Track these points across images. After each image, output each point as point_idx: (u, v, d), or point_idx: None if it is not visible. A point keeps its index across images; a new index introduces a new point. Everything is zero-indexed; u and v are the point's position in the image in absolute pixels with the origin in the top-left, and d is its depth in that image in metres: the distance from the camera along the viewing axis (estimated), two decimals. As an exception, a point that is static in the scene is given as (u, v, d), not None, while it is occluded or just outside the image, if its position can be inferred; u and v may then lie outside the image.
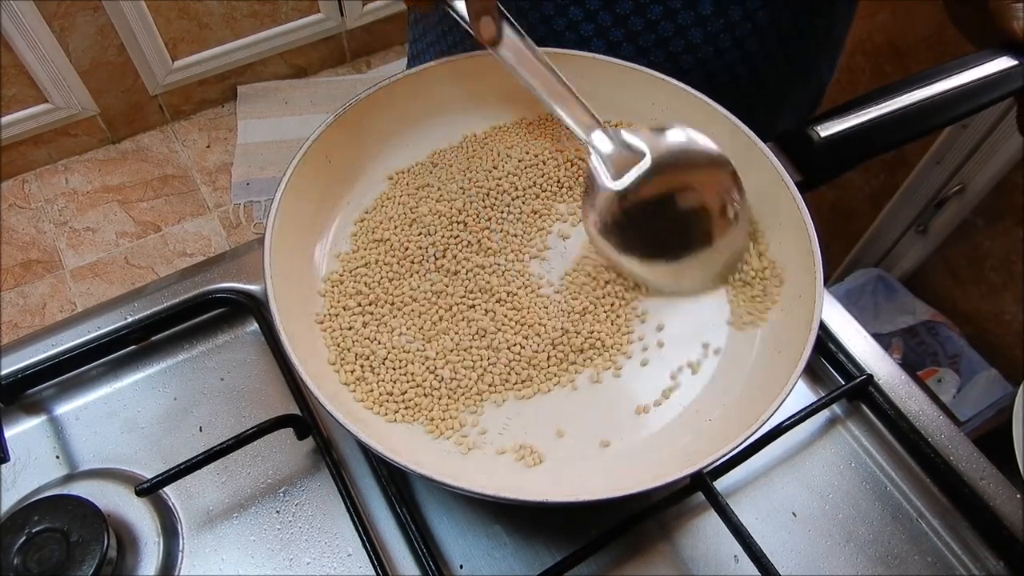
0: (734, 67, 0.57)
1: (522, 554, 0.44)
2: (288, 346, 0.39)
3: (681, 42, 0.54)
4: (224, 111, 1.89)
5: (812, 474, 0.47)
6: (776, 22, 0.55)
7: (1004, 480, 0.46)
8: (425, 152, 0.53)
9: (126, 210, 1.72)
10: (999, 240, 1.14)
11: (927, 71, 0.48)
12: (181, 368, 0.51)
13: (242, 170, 1.76)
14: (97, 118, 1.75)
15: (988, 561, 0.45)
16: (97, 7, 1.56)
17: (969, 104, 0.48)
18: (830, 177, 0.48)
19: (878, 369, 0.50)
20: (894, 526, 0.46)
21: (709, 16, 0.53)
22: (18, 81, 1.59)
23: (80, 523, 0.40)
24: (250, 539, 0.44)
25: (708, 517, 0.45)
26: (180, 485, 0.44)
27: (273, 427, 0.44)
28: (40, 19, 1.51)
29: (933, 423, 0.48)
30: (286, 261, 0.44)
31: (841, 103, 0.48)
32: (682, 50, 0.55)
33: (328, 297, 0.47)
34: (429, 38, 0.65)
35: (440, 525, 0.44)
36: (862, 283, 1.29)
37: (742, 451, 0.45)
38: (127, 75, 1.72)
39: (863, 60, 1.23)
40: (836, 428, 0.50)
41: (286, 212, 0.45)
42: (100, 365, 0.50)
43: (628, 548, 0.44)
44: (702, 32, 0.54)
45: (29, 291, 1.60)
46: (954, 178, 1.14)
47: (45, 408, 0.49)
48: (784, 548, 0.45)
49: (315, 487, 0.46)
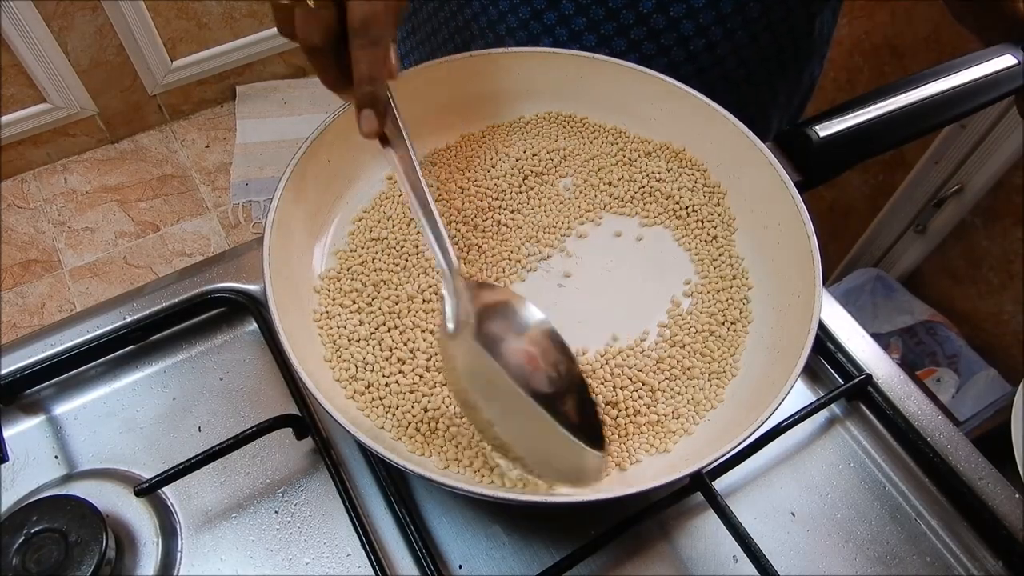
0: (725, 61, 0.57)
1: (521, 554, 0.44)
2: (287, 346, 0.39)
3: (673, 35, 0.54)
4: (223, 111, 1.88)
5: (811, 474, 0.47)
6: (767, 14, 0.55)
7: (1002, 480, 0.47)
8: (424, 152, 0.53)
9: (125, 210, 1.71)
10: (997, 240, 1.14)
11: (925, 71, 0.48)
12: (180, 368, 0.51)
13: (241, 170, 1.76)
14: (96, 118, 1.75)
15: (986, 561, 0.45)
16: (96, 7, 1.56)
17: (968, 103, 0.48)
18: (829, 177, 0.48)
19: (877, 369, 0.50)
20: (893, 526, 0.46)
21: (701, 8, 0.53)
22: (17, 81, 1.59)
23: (79, 523, 0.40)
24: (249, 539, 0.44)
25: (707, 517, 0.45)
26: (179, 485, 0.44)
27: (272, 427, 0.44)
28: (39, 19, 1.51)
29: (932, 423, 0.48)
30: (285, 261, 0.44)
31: (840, 103, 0.48)
32: (674, 43, 0.55)
33: (323, 294, 0.47)
34: (416, 38, 0.65)
35: (439, 525, 0.44)
36: (861, 283, 1.29)
37: (741, 451, 0.45)
38: (126, 75, 1.72)
39: (861, 60, 1.23)
40: (835, 428, 0.50)
41: (285, 212, 0.45)
42: (99, 365, 0.50)
43: (627, 548, 0.44)
44: (694, 24, 0.54)
45: (28, 291, 1.59)
46: (953, 178, 1.14)
47: (44, 408, 0.49)
48: (783, 548, 0.45)
49: (314, 487, 0.46)
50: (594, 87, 0.53)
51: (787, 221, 0.46)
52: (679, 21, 0.54)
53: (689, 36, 0.54)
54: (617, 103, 0.54)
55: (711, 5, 0.53)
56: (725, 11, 0.53)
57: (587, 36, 0.55)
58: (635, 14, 0.54)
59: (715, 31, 0.54)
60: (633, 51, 0.55)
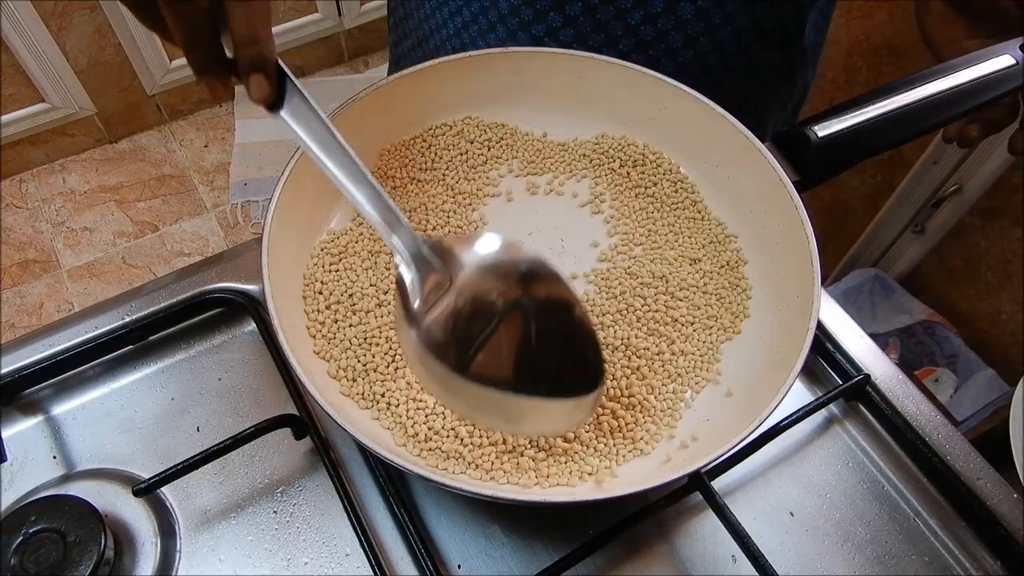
0: (714, 71, 0.57)
1: (520, 554, 0.44)
2: (286, 346, 0.39)
3: (661, 46, 0.54)
4: (222, 111, 1.88)
5: (809, 474, 0.47)
6: (757, 24, 0.55)
7: (1001, 479, 0.47)
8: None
9: (123, 210, 1.71)
10: (996, 240, 1.14)
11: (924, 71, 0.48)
12: (178, 368, 0.51)
13: (240, 170, 1.76)
14: (94, 118, 1.75)
15: (985, 560, 0.45)
16: (94, 7, 1.56)
17: (967, 103, 0.48)
18: (828, 177, 0.48)
19: (875, 369, 0.50)
20: (891, 525, 0.46)
21: (689, 20, 0.53)
22: (15, 81, 1.59)
23: (77, 523, 0.40)
24: (248, 539, 0.44)
25: (706, 517, 0.45)
26: (178, 485, 0.44)
27: (271, 427, 0.44)
28: (37, 19, 1.51)
29: (930, 423, 0.48)
30: (284, 261, 0.44)
31: (838, 103, 0.48)
32: (662, 54, 0.55)
33: (319, 292, 0.47)
34: (410, 41, 0.65)
35: (438, 525, 0.44)
36: (859, 283, 1.29)
37: (740, 451, 0.45)
38: (124, 75, 1.71)
39: (860, 60, 1.23)
40: (833, 428, 0.50)
41: (284, 212, 0.45)
42: (97, 365, 0.50)
43: (626, 548, 0.44)
44: (682, 36, 0.54)
45: (26, 291, 1.59)
46: (951, 178, 1.14)
47: (42, 408, 0.49)
48: (782, 548, 0.45)
49: (313, 487, 0.46)
50: (596, 87, 0.53)
51: (786, 221, 0.46)
52: (668, 33, 0.53)
53: (678, 48, 0.54)
54: (619, 103, 0.53)
55: (700, 16, 0.53)
56: (714, 22, 0.53)
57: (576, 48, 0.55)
58: (623, 25, 0.53)
59: (703, 41, 0.54)
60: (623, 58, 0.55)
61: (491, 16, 0.56)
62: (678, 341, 0.46)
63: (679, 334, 0.46)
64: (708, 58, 0.56)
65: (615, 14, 0.53)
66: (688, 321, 0.47)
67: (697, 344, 0.46)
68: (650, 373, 0.45)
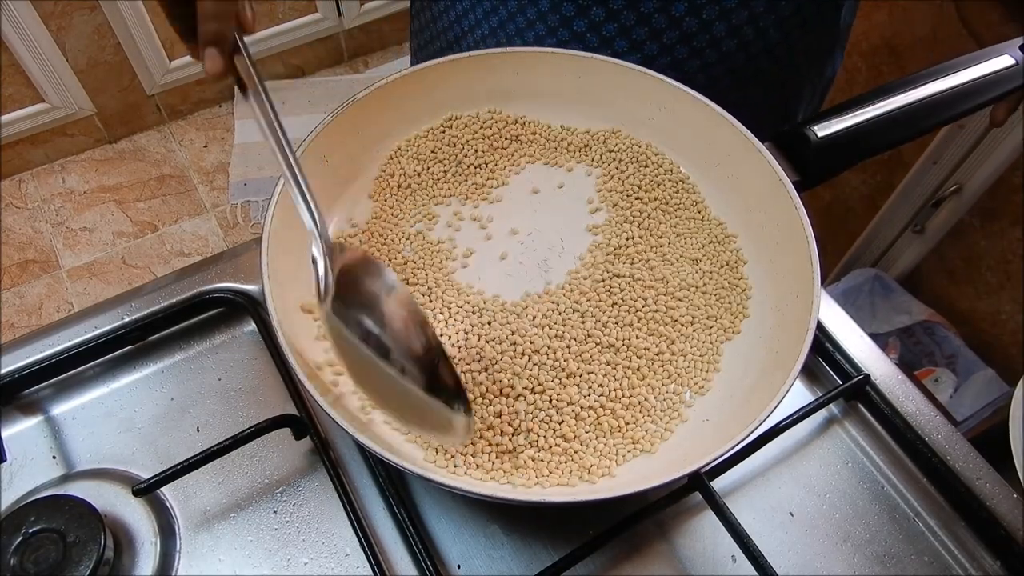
0: (758, 59, 0.57)
1: (520, 554, 0.44)
2: (285, 346, 0.39)
3: (706, 36, 0.54)
4: (221, 111, 1.88)
5: (809, 474, 0.47)
6: (800, 11, 0.55)
7: (1000, 479, 0.47)
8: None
9: (123, 210, 1.71)
10: (995, 240, 1.14)
11: (924, 71, 0.48)
12: (178, 368, 0.51)
13: (239, 170, 1.76)
14: (94, 118, 1.75)
15: (985, 560, 0.45)
16: (94, 7, 1.56)
17: (966, 104, 0.48)
18: (827, 177, 0.48)
19: (875, 369, 0.50)
20: (891, 525, 0.46)
21: (734, 8, 0.53)
22: (15, 80, 1.59)
23: (77, 523, 0.40)
24: (247, 539, 0.44)
25: (706, 517, 0.45)
26: (177, 485, 0.44)
27: (270, 427, 0.44)
28: (37, 18, 1.50)
29: (930, 423, 0.48)
30: (283, 261, 0.44)
31: (838, 103, 0.48)
32: (706, 45, 0.55)
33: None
34: (439, 44, 0.65)
35: (438, 525, 0.44)
36: (859, 283, 1.29)
37: (739, 451, 0.45)
38: (124, 75, 1.71)
39: (860, 60, 1.23)
40: (833, 428, 0.50)
41: (283, 212, 0.45)
42: (97, 365, 0.50)
43: (626, 548, 0.44)
44: (726, 25, 0.54)
45: (26, 291, 1.59)
46: (951, 178, 1.14)
47: (42, 408, 0.49)
48: (781, 547, 0.45)
49: (313, 487, 0.46)
50: (596, 88, 0.53)
51: (785, 221, 0.46)
52: (712, 23, 0.53)
53: (721, 37, 0.54)
54: (620, 104, 0.53)
55: (743, 5, 0.53)
56: (757, 10, 0.53)
57: (619, 42, 0.55)
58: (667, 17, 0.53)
59: (747, 31, 0.54)
60: (666, 54, 0.55)
61: (530, 14, 0.56)
62: (678, 341, 0.46)
63: (679, 334, 0.46)
64: (752, 47, 0.55)
65: (658, 7, 0.53)
66: (688, 321, 0.47)
67: (697, 344, 0.46)
68: (650, 373, 0.45)
